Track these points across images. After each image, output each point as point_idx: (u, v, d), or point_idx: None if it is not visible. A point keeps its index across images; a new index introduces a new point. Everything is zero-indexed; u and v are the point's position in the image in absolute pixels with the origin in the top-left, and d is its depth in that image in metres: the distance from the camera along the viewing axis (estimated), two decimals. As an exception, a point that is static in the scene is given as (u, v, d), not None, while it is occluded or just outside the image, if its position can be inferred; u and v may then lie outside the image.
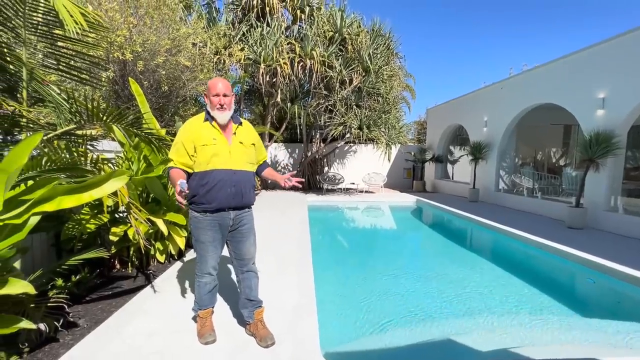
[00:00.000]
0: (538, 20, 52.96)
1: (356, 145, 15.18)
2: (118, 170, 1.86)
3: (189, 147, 2.05)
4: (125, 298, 2.97)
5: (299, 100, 9.85)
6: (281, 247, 4.68)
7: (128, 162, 3.55)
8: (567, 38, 47.59)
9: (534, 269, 5.09)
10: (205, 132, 2.08)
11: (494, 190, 9.61)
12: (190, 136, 2.07)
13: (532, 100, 8.16)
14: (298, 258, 4.16)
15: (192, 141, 2.06)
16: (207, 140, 2.06)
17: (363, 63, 9.28)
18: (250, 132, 2.28)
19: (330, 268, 4.51)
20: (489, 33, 53.65)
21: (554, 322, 3.14)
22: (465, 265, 4.84)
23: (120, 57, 4.23)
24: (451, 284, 4.03)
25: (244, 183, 2.17)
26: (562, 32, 49.67)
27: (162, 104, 5.72)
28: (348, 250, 5.84)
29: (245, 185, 2.18)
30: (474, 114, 10.77)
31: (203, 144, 2.05)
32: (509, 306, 3.47)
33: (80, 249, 3.33)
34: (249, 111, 12.87)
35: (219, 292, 2.57)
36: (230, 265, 3.50)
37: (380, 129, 9.42)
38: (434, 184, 13.77)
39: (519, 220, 7.09)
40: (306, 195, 11.14)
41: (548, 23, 52.14)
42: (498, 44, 55.00)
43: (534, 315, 3.26)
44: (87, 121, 2.53)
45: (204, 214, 2.11)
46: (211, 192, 2.06)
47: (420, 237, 7.25)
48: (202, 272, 2.23)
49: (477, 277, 4.33)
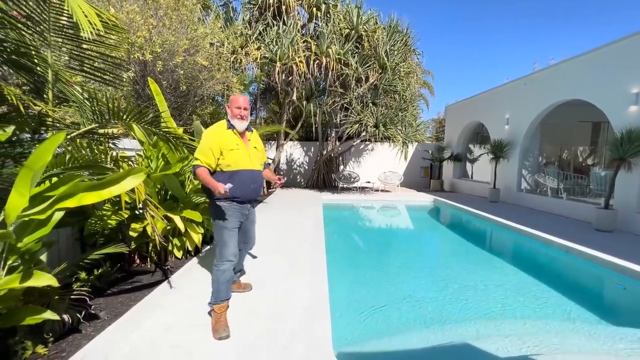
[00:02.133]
0: (561, 14, 49.80)
1: (372, 144, 15.01)
2: (136, 168, 1.90)
3: (216, 151, 2.43)
4: (144, 292, 3.05)
5: (314, 98, 9.84)
6: (295, 247, 4.69)
7: (147, 160, 3.65)
8: (593, 32, 44.60)
9: (561, 273, 4.87)
10: (229, 138, 2.49)
11: (516, 190, 9.27)
12: (218, 142, 2.45)
13: (558, 96, 7.79)
14: (312, 258, 4.16)
15: (219, 146, 2.44)
16: (232, 145, 2.47)
17: (379, 60, 9.15)
18: (258, 139, 2.80)
19: (344, 269, 4.48)
20: (509, 28, 51.36)
21: (582, 329, 2.99)
22: (487, 269, 4.69)
23: (141, 58, 4.36)
24: (472, 288, 3.92)
25: (259, 181, 2.69)
26: (588, 26, 46.63)
27: (181, 103, 5.85)
28: (363, 251, 5.79)
29: (260, 182, 2.71)
30: (494, 111, 10.42)
31: (230, 149, 2.46)
32: (534, 313, 3.33)
33: (103, 243, 3.45)
34: (265, 110, 12.98)
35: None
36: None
37: (397, 127, 9.26)
38: (452, 183, 13.44)
39: (543, 221, 6.80)
40: (321, 193, 11.13)
41: (573, 17, 48.94)
42: (520, 39, 52.51)
43: (561, 323, 3.11)
44: (108, 120, 2.61)
45: (230, 203, 2.50)
46: (239, 188, 2.47)
47: (438, 238, 7.10)
48: (224, 259, 2.46)
49: (500, 282, 4.19)
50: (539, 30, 51.22)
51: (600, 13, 45.18)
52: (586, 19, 46.41)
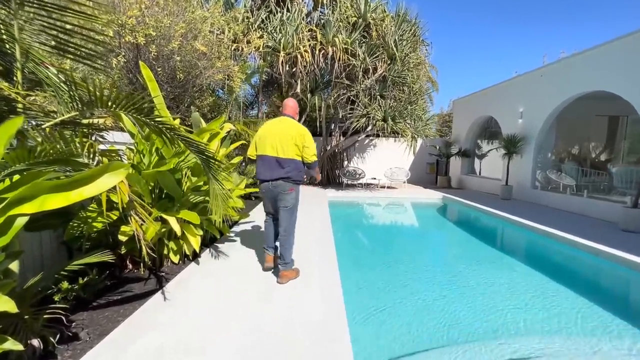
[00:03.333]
0: (571, 6, 48.05)
1: (377, 139, 14.61)
2: (115, 163, 1.51)
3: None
4: (134, 305, 2.68)
5: (319, 91, 9.39)
6: (303, 250, 4.32)
7: (139, 155, 3.26)
8: (605, 25, 42.91)
9: (589, 278, 4.49)
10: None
11: (530, 188, 8.86)
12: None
13: (579, 88, 7.34)
14: (322, 263, 3.78)
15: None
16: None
17: (388, 50, 8.68)
18: None
19: (358, 277, 4.10)
20: (515, 21, 50.08)
21: (615, 341, 2.62)
22: (507, 273, 4.31)
23: (132, 41, 3.94)
24: (494, 295, 3.54)
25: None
26: (600, 19, 44.90)
27: (178, 93, 5.44)
28: (376, 256, 5.37)
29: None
30: (507, 105, 9.97)
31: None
32: (562, 323, 2.96)
33: (89, 248, 3.08)
34: (267, 103, 12.53)
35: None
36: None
37: (406, 121, 8.83)
38: (460, 179, 13.03)
39: (562, 220, 6.41)
40: (325, 190, 10.74)
41: (583, 9, 47.25)
42: (527, 32, 51.13)
43: (592, 334, 2.74)
44: (89, 107, 2.21)
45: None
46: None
47: (453, 239, 6.71)
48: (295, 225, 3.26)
49: (522, 287, 3.81)
50: (548, 23, 49.46)
51: (611, 6, 43.52)
52: (598, 11, 44.68)
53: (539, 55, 38.73)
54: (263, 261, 3.61)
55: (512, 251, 5.80)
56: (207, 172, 2.92)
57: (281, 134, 3.05)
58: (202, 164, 2.83)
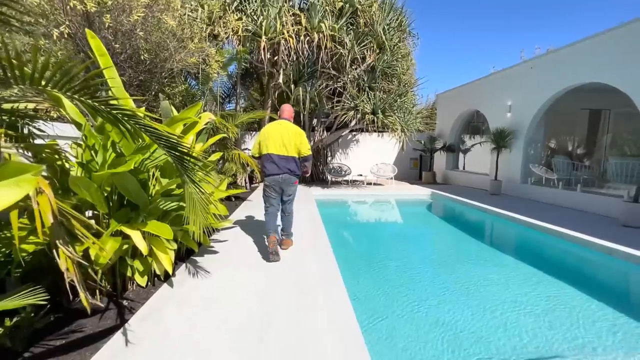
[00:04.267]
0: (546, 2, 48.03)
1: (360, 134, 14.19)
2: (12, 165, 0.85)
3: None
4: (83, 353, 1.98)
5: (303, 82, 8.73)
6: (299, 260, 3.71)
7: (89, 152, 2.51)
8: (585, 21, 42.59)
9: (603, 278, 4.23)
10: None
11: (520, 182, 8.74)
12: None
13: (573, 80, 7.19)
14: (323, 276, 3.21)
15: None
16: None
17: (377, 38, 8.18)
18: None
19: (367, 288, 3.56)
20: (491, 18, 50.93)
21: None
22: (510, 274, 3.95)
23: (80, 7, 3.09)
24: (506, 302, 3.13)
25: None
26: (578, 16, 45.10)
27: (144, 79, 4.62)
28: (382, 263, 4.87)
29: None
30: (495, 98, 9.81)
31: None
32: (577, 334, 2.58)
33: (23, 275, 2.33)
34: (245, 97, 11.69)
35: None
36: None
37: (396, 114, 8.39)
38: (445, 175, 12.89)
39: (559, 216, 6.22)
40: (310, 188, 10.15)
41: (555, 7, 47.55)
42: (503, 29, 51.55)
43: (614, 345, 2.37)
44: (7, 84, 1.49)
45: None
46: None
47: (451, 237, 6.34)
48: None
49: (533, 291, 3.44)
50: (524, 19, 49.48)
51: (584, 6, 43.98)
52: (574, 8, 45.03)
53: (516, 51, 39.33)
54: (254, 279, 3.00)
55: (508, 247, 5.51)
56: (182, 172, 2.25)
57: (284, 135, 3.56)
58: (175, 162, 2.17)
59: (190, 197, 2.37)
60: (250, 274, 3.23)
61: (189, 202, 2.37)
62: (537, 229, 5.61)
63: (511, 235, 6.26)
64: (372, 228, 7.11)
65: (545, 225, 5.46)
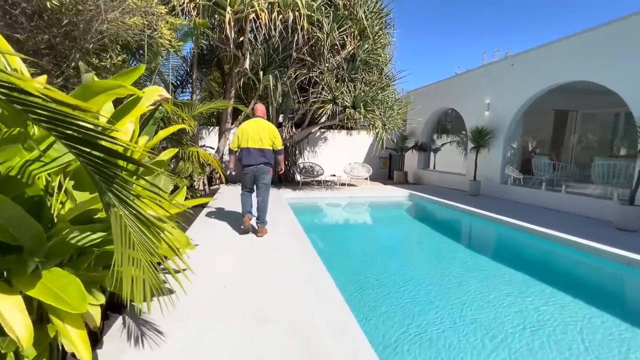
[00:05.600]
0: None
1: (329, 132, 13.39)
2: None
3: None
4: None
5: (273, 69, 7.56)
6: (290, 300, 2.67)
7: None
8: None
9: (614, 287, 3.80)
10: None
11: (499, 183, 8.52)
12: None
13: (556, 78, 7.00)
14: (331, 324, 2.21)
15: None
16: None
17: (358, 23, 7.32)
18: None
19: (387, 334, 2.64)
20: (449, 20, 50.36)
21: None
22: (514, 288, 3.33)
23: None
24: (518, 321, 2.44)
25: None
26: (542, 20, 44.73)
27: (58, 43, 3.18)
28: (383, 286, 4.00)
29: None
30: (471, 96, 9.54)
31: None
32: None
33: None
34: (202, 85, 10.14)
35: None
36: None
37: (379, 109, 7.62)
38: (417, 174, 12.57)
39: (549, 219, 5.92)
40: (279, 190, 9.04)
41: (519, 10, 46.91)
42: (459, 31, 50.87)
43: None
44: None
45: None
46: None
47: (439, 243, 5.70)
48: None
49: (550, 309, 2.82)
50: (485, 22, 48.59)
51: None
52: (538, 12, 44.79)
53: (478, 53, 40.05)
54: (234, 341, 1.91)
55: (497, 252, 5.01)
56: (102, 189, 1.11)
57: (259, 131, 4.09)
58: (89, 169, 1.02)
59: (124, 233, 1.23)
60: (227, 332, 2.12)
61: (120, 242, 1.23)
62: (534, 233, 5.19)
63: (506, 241, 5.82)
64: (360, 238, 6.25)
65: (550, 232, 5.03)
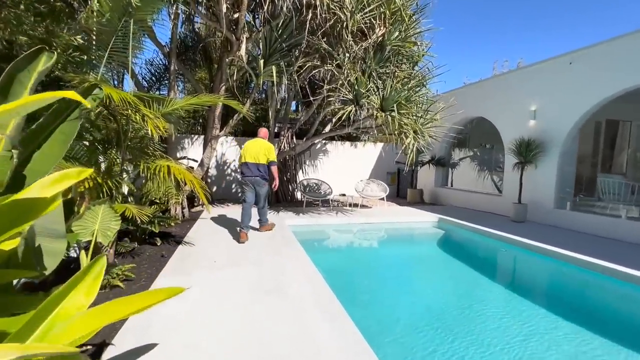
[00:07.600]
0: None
1: (331, 143, 11.78)
2: None
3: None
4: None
5: (275, 60, 5.82)
6: None
7: None
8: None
9: None
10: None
11: (554, 207, 6.92)
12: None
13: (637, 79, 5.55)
14: None
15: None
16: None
17: (389, 3, 5.71)
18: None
19: None
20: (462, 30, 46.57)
21: None
22: None
23: None
24: None
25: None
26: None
27: None
28: None
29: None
30: (509, 103, 8.07)
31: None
32: None
33: None
34: (185, 80, 8.26)
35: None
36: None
37: (412, 113, 5.96)
38: (434, 193, 10.95)
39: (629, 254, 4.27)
40: (279, 214, 7.16)
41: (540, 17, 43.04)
42: (471, 42, 46.87)
43: None
44: None
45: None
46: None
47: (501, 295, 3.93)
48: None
49: None
50: (495, 34, 44.70)
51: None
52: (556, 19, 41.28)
53: (489, 63, 38.29)
54: None
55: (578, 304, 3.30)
56: None
57: (258, 149, 4.92)
58: None
59: None
60: None
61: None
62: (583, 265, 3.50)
63: (620, 300, 4.11)
64: (399, 289, 4.41)
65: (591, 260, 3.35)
